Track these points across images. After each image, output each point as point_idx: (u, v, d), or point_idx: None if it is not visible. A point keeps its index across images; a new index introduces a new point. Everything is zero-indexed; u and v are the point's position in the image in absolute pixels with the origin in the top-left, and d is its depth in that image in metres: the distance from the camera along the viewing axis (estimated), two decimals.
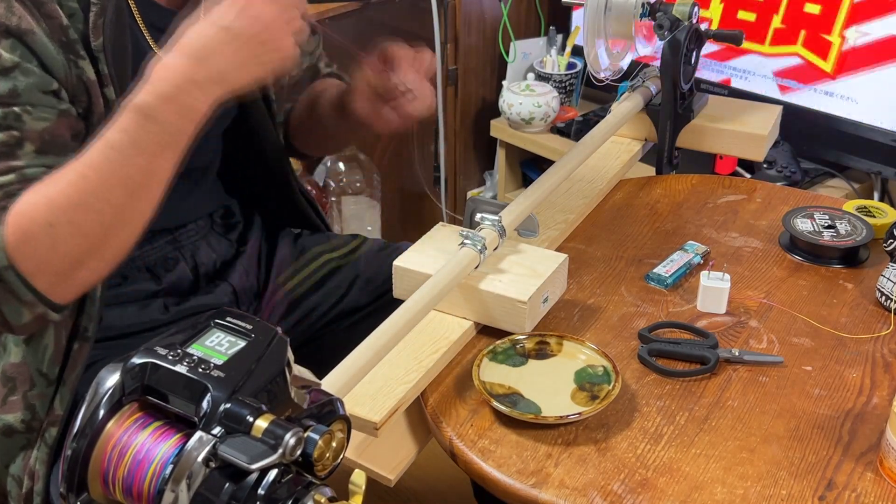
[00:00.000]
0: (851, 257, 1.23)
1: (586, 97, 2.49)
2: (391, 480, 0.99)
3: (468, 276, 1.06)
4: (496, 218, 1.12)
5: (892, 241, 1.12)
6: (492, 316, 1.07)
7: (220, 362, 0.67)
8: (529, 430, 0.95)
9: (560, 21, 2.46)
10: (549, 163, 1.79)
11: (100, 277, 0.96)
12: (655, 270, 1.19)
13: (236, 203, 1.30)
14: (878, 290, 1.14)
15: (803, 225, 1.25)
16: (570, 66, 2.40)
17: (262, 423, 0.63)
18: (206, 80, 0.90)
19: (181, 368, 0.66)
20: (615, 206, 1.38)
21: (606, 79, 1.44)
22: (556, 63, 2.39)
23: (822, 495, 0.87)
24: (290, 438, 0.62)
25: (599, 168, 1.44)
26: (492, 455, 0.92)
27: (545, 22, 2.51)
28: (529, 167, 2.49)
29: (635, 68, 1.52)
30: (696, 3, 1.39)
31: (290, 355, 0.70)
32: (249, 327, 0.70)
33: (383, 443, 0.99)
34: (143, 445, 0.65)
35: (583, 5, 1.34)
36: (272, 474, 0.62)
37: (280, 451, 0.62)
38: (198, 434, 0.63)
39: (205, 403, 0.64)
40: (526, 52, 2.44)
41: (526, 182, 2.52)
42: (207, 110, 0.92)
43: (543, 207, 1.30)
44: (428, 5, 2.24)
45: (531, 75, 2.36)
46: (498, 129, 2.41)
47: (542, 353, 1.04)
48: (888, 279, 1.12)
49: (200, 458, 0.62)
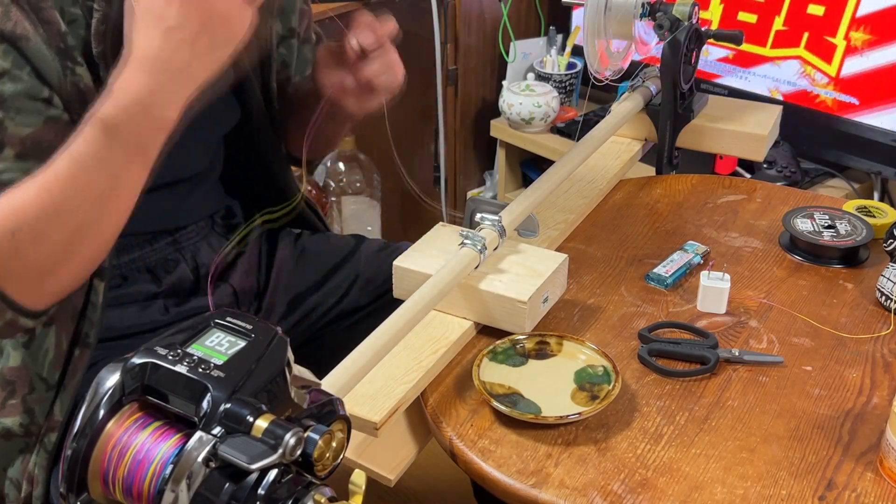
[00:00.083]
0: (851, 257, 1.23)
1: (587, 97, 2.49)
2: (391, 480, 0.99)
3: (468, 276, 1.06)
4: (496, 218, 1.12)
5: (892, 241, 1.12)
6: (492, 316, 1.07)
7: (220, 362, 0.67)
8: (529, 430, 0.95)
9: (560, 21, 2.47)
10: (549, 163, 1.79)
11: (74, 285, 0.96)
12: (655, 270, 1.19)
13: (237, 204, 1.30)
14: (878, 290, 1.14)
15: (803, 225, 1.25)
16: (570, 66, 2.40)
17: (262, 423, 0.63)
18: (168, 87, 0.87)
19: (181, 368, 0.66)
20: (615, 206, 1.38)
21: (606, 79, 1.44)
22: (556, 63, 2.39)
23: (822, 495, 0.87)
24: (290, 438, 0.62)
25: (599, 168, 1.44)
26: (492, 455, 0.92)
27: (545, 22, 2.51)
28: (529, 167, 2.49)
29: (635, 68, 1.52)
30: (696, 3, 1.39)
31: (290, 355, 0.70)
32: (249, 327, 0.70)
33: (383, 443, 0.99)
34: (143, 445, 0.65)
35: (583, 5, 1.34)
36: (272, 474, 0.62)
37: (280, 451, 0.62)
38: (198, 434, 0.63)
39: (205, 403, 0.64)
40: (526, 52, 2.44)
41: (526, 182, 2.52)
42: (177, 115, 0.89)
43: (543, 207, 1.30)
44: (428, 5, 2.24)
45: (531, 75, 2.36)
46: (498, 129, 2.41)
47: (542, 353, 1.04)
48: (888, 279, 1.12)
49: (200, 458, 0.62)
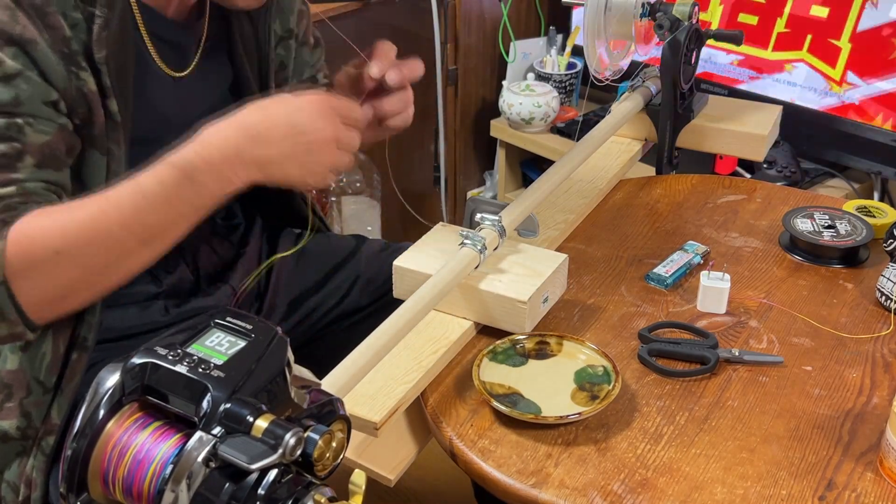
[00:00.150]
0: (851, 257, 1.23)
1: (586, 97, 2.49)
2: (391, 480, 0.99)
3: (468, 276, 1.06)
4: (496, 218, 1.12)
5: (892, 241, 1.12)
6: (492, 316, 1.07)
7: (220, 362, 0.67)
8: (529, 430, 0.95)
9: (560, 21, 2.47)
10: (549, 163, 1.79)
11: (82, 307, 0.97)
12: (655, 270, 1.19)
13: (238, 205, 1.30)
14: (878, 290, 1.14)
15: (803, 225, 1.25)
16: (570, 66, 2.40)
17: (262, 423, 0.63)
18: (251, 161, 0.92)
19: (181, 368, 0.66)
20: (615, 206, 1.38)
21: (606, 79, 1.44)
22: (556, 63, 2.39)
23: (822, 495, 0.87)
24: (290, 438, 0.62)
25: (599, 168, 1.44)
26: (492, 455, 0.92)
27: (545, 22, 2.51)
28: (529, 167, 2.49)
29: (635, 68, 1.52)
30: (696, 3, 1.39)
31: (290, 355, 0.70)
32: (249, 327, 0.70)
33: (383, 443, 0.99)
34: (143, 445, 0.65)
35: (583, 5, 1.34)
36: (272, 474, 0.62)
37: (280, 451, 0.62)
38: (198, 434, 0.63)
39: (205, 403, 0.64)
40: (526, 52, 2.44)
41: (526, 182, 2.52)
42: (240, 188, 0.94)
43: (543, 207, 1.30)
44: (428, 5, 2.25)
45: (531, 75, 2.36)
46: (498, 129, 2.41)
47: (542, 353, 1.04)
48: (888, 279, 1.12)
49: (200, 458, 0.62)
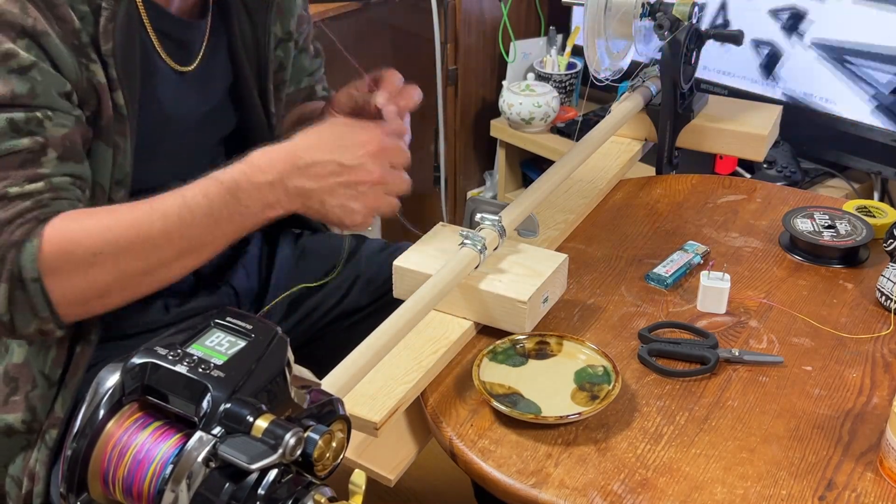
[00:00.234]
0: (851, 257, 1.23)
1: (586, 97, 2.49)
2: (391, 480, 0.99)
3: (468, 276, 1.06)
4: (496, 218, 1.12)
5: (892, 241, 1.12)
6: (492, 316, 1.07)
7: (220, 362, 0.67)
8: (529, 430, 0.95)
9: (560, 21, 2.46)
10: (549, 163, 1.79)
11: (111, 310, 0.98)
12: (655, 270, 1.19)
13: None
14: (878, 290, 1.14)
15: (803, 225, 1.25)
16: (570, 66, 2.40)
17: (262, 423, 0.63)
18: (294, 190, 0.95)
19: (181, 368, 0.66)
20: (615, 206, 1.39)
21: (606, 79, 1.44)
22: (556, 63, 2.39)
23: (822, 495, 0.87)
24: (290, 438, 0.62)
25: (599, 168, 1.44)
26: (492, 455, 0.92)
27: (545, 22, 2.51)
28: (529, 167, 2.49)
29: (635, 68, 1.52)
30: (695, 3, 1.39)
31: (290, 355, 0.70)
32: (249, 327, 0.70)
33: (383, 443, 0.99)
34: (143, 445, 0.66)
35: (583, 5, 1.34)
36: (272, 474, 0.62)
37: (280, 451, 0.62)
38: (198, 434, 0.63)
39: (205, 403, 0.65)
40: (526, 52, 2.44)
41: (526, 182, 2.52)
42: (279, 214, 0.96)
43: (543, 207, 1.30)
44: (428, 5, 2.24)
45: (531, 75, 2.36)
46: (498, 129, 2.41)
47: (542, 353, 1.04)
48: (888, 279, 1.12)
49: (200, 458, 0.62)
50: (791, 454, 0.92)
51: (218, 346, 0.69)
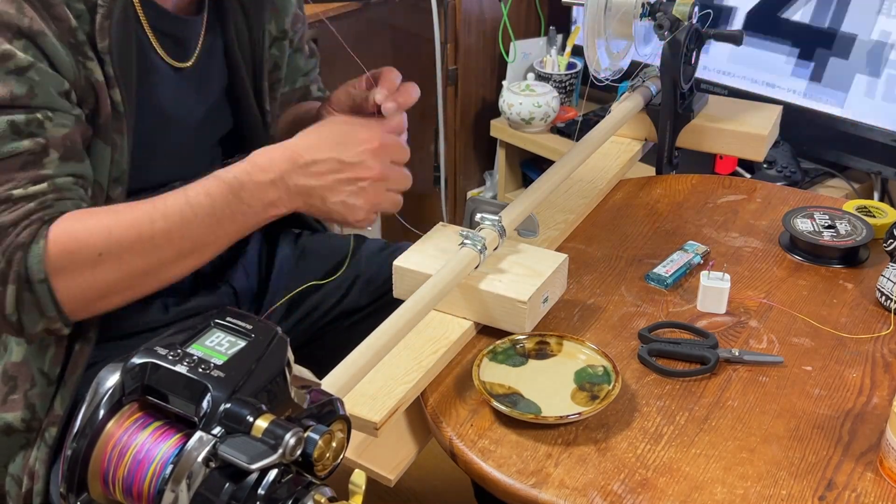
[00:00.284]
0: (851, 257, 1.23)
1: (586, 97, 2.50)
2: (391, 480, 0.99)
3: (468, 276, 1.06)
4: (496, 218, 1.12)
5: (892, 241, 1.12)
6: (492, 316, 1.07)
7: (220, 362, 0.67)
8: (529, 430, 0.95)
9: (560, 21, 2.46)
10: (549, 163, 1.79)
11: (116, 308, 0.99)
12: (655, 270, 1.19)
13: None
14: (878, 290, 1.14)
15: (803, 225, 1.25)
16: (570, 66, 2.40)
17: (262, 423, 0.63)
18: (295, 189, 0.96)
19: (181, 368, 0.66)
20: (615, 206, 1.38)
21: (606, 79, 1.44)
22: (556, 63, 2.39)
23: (822, 495, 0.87)
24: (290, 438, 0.62)
25: (599, 168, 1.44)
26: (492, 455, 0.92)
27: (545, 22, 2.51)
28: (529, 167, 2.49)
29: (635, 68, 1.52)
30: (696, 3, 1.39)
31: (290, 355, 0.70)
32: (249, 327, 0.70)
33: (383, 443, 0.99)
34: (143, 445, 0.66)
35: (583, 5, 1.34)
36: (272, 474, 0.62)
37: (280, 451, 0.62)
38: (198, 434, 0.63)
39: (205, 403, 0.64)
40: (526, 52, 2.44)
41: (526, 182, 2.52)
42: (282, 213, 0.98)
43: (543, 207, 1.30)
44: (428, 5, 2.24)
45: (531, 75, 2.36)
46: (498, 129, 2.41)
47: (542, 353, 1.04)
48: (888, 279, 1.12)
49: (200, 458, 0.62)
50: (791, 454, 0.92)
51: (218, 346, 0.69)
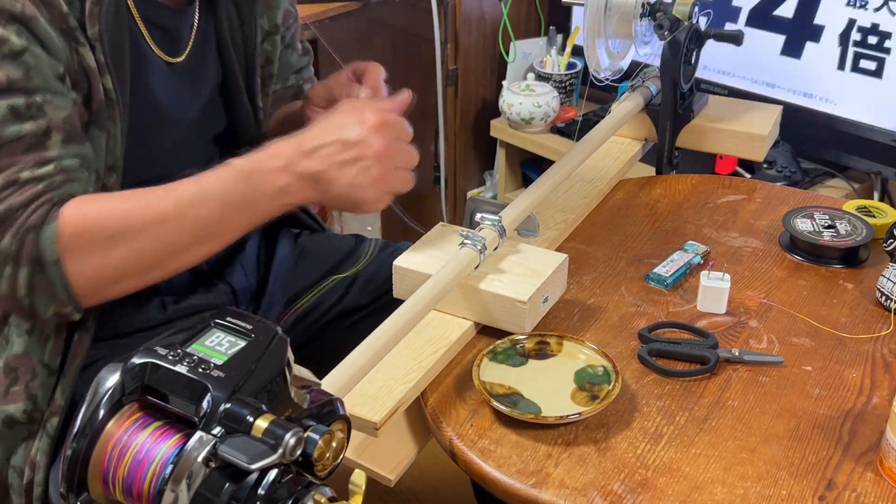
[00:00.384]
0: (851, 257, 1.23)
1: (586, 97, 2.49)
2: (391, 480, 0.99)
3: (468, 276, 1.06)
4: (496, 218, 1.12)
5: (892, 241, 1.12)
6: (492, 316, 1.07)
7: (220, 362, 0.67)
8: (529, 430, 0.95)
9: (560, 21, 2.46)
10: (549, 163, 1.79)
11: (127, 294, 0.99)
12: (655, 270, 1.19)
13: None
14: (878, 290, 1.14)
15: (803, 225, 1.25)
16: (570, 66, 2.40)
17: (262, 423, 0.63)
18: (301, 174, 0.97)
19: (181, 368, 0.66)
20: (615, 206, 1.38)
21: (606, 79, 1.44)
22: (556, 63, 2.39)
23: (822, 495, 0.87)
24: (290, 438, 0.62)
25: (599, 168, 1.44)
26: (492, 455, 0.92)
27: (545, 22, 2.51)
28: (529, 167, 2.49)
29: (635, 68, 1.52)
30: (696, 3, 1.39)
31: (290, 355, 0.70)
32: (249, 327, 0.70)
33: (383, 443, 0.99)
34: (143, 445, 0.66)
35: (583, 5, 1.34)
36: (272, 474, 0.62)
37: (280, 451, 0.62)
38: (198, 434, 0.63)
39: (205, 403, 0.64)
40: (526, 52, 2.44)
41: (526, 182, 2.52)
42: (293, 202, 0.98)
43: (543, 207, 1.30)
44: (428, 5, 2.24)
45: (531, 75, 2.36)
46: (498, 129, 2.41)
47: (542, 353, 1.04)
48: (888, 279, 1.12)
49: (200, 458, 0.62)
50: (791, 454, 0.92)
51: (218, 346, 0.69)
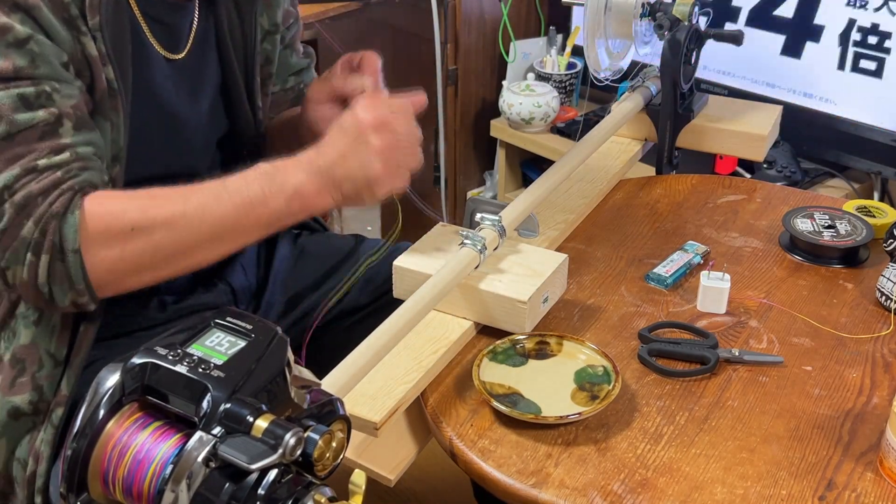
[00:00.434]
0: (851, 257, 1.23)
1: (586, 97, 2.49)
2: (391, 480, 0.99)
3: (468, 276, 1.06)
4: (496, 218, 1.12)
5: (892, 241, 1.12)
6: (492, 316, 1.07)
7: (220, 362, 0.67)
8: (529, 430, 0.95)
9: (560, 21, 2.46)
10: (549, 163, 1.79)
11: (143, 287, 1.00)
12: (655, 270, 1.19)
13: None
14: (878, 290, 1.14)
15: (803, 225, 1.25)
16: (570, 66, 2.40)
17: (262, 423, 0.63)
18: (318, 169, 0.98)
19: (181, 368, 0.66)
20: (615, 206, 1.38)
21: (606, 79, 1.44)
22: (556, 63, 2.39)
23: (822, 495, 0.87)
24: (290, 438, 0.62)
25: (599, 168, 1.44)
26: (492, 455, 0.92)
27: (545, 22, 2.51)
28: (529, 167, 2.49)
29: (635, 68, 1.52)
30: (696, 3, 1.39)
31: (291, 355, 0.70)
32: (249, 327, 0.70)
33: (383, 443, 0.99)
34: (143, 445, 0.66)
35: (583, 5, 1.34)
36: (272, 474, 0.62)
37: (280, 451, 0.62)
38: (198, 434, 0.63)
39: (205, 403, 0.65)
40: (526, 52, 2.44)
41: (526, 182, 2.52)
42: (323, 207, 1.00)
43: (543, 207, 1.30)
44: (428, 5, 2.24)
45: (531, 75, 2.36)
46: (498, 129, 2.40)
47: (542, 353, 1.04)
48: (888, 279, 1.12)
49: (200, 458, 0.62)
50: (791, 454, 0.92)
51: (218, 346, 0.69)
